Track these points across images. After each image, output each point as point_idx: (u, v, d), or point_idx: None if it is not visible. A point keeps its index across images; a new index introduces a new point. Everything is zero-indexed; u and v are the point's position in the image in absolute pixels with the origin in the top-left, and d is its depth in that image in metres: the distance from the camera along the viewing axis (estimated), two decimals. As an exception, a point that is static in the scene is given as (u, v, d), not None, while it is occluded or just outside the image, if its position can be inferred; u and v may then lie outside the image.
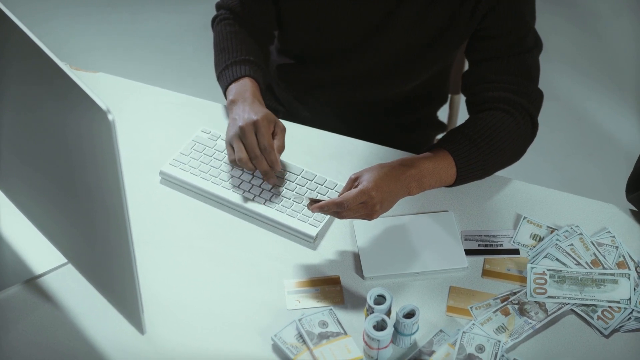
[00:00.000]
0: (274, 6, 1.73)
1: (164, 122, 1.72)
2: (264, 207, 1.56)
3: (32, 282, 1.45)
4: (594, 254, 1.50)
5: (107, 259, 1.23)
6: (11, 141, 1.32)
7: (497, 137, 1.57)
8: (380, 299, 1.38)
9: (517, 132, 1.60)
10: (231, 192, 1.58)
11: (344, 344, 1.37)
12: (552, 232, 1.54)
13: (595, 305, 1.44)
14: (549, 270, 1.47)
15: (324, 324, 1.39)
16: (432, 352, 1.38)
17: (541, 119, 1.66)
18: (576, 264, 1.48)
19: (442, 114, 2.07)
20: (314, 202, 1.46)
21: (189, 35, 3.26)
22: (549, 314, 1.43)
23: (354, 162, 1.66)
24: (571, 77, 3.15)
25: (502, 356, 1.37)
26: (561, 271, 1.47)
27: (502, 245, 1.53)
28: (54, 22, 3.27)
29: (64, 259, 1.46)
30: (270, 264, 1.50)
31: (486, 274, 1.49)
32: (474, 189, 1.62)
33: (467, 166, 1.56)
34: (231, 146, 1.56)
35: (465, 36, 1.66)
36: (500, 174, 1.64)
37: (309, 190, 1.59)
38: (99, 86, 1.78)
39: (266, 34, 1.78)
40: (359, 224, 1.54)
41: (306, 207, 1.52)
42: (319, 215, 1.54)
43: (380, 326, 1.35)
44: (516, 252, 1.52)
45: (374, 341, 1.34)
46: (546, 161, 2.89)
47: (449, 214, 1.57)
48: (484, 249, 1.53)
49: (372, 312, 1.37)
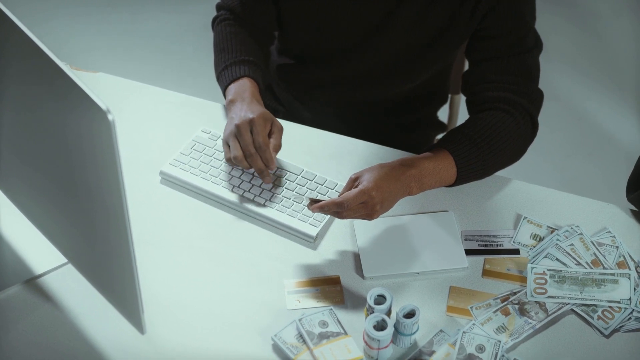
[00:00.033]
0: (274, 6, 1.73)
1: (164, 122, 1.72)
2: (264, 207, 1.56)
3: (32, 282, 1.45)
4: (594, 254, 1.50)
5: (107, 259, 1.23)
6: (11, 141, 1.32)
7: (497, 137, 1.57)
8: (380, 299, 1.38)
9: (517, 132, 1.59)
10: (231, 192, 1.58)
11: (344, 344, 1.37)
12: (552, 232, 1.54)
13: (595, 305, 1.44)
14: (549, 270, 1.47)
15: (324, 324, 1.39)
16: (432, 352, 1.38)
17: (541, 119, 1.66)
18: (576, 264, 1.48)
19: (442, 114, 2.07)
20: (314, 202, 1.46)
21: (189, 35, 3.26)
22: (549, 314, 1.43)
23: (354, 162, 1.66)
24: (571, 77, 3.15)
25: (503, 356, 1.37)
26: (561, 271, 1.47)
27: (502, 245, 1.53)
28: (54, 22, 3.27)
29: (64, 259, 1.46)
30: (270, 264, 1.50)
31: (486, 274, 1.49)
32: (474, 189, 1.62)
33: (467, 166, 1.56)
34: (227, 144, 1.56)
35: (465, 36, 1.65)
36: (500, 174, 1.64)
37: (309, 190, 1.58)
38: (99, 86, 1.78)
39: (266, 34, 1.78)
40: (359, 224, 1.54)
41: (306, 207, 1.52)
42: (319, 215, 1.54)
43: (380, 326, 1.35)
44: (516, 252, 1.52)
45: (374, 341, 1.34)
46: (546, 161, 2.88)
47: (449, 214, 1.57)
48: (484, 249, 1.53)
49: (372, 312, 1.36)
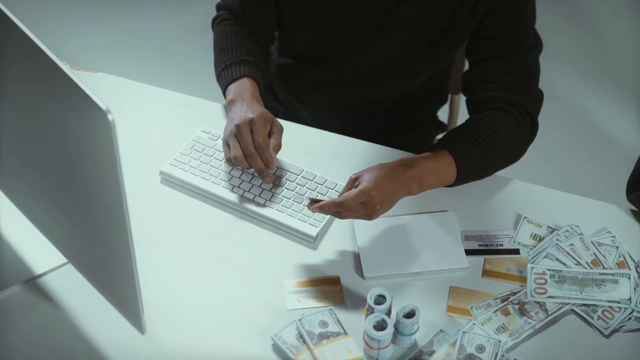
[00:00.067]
0: (274, 6, 1.73)
1: (164, 122, 1.72)
2: (264, 207, 1.56)
3: (32, 282, 1.45)
4: (594, 254, 1.49)
5: (107, 259, 1.23)
6: (11, 141, 1.32)
7: (498, 137, 1.57)
8: (380, 299, 1.38)
9: (517, 132, 1.59)
10: (231, 192, 1.58)
11: (344, 343, 1.37)
12: (552, 232, 1.54)
13: (595, 305, 1.44)
14: (549, 270, 1.47)
15: (324, 324, 1.39)
16: (432, 352, 1.38)
17: (541, 119, 1.66)
18: (576, 264, 1.48)
19: (442, 114, 2.07)
20: (314, 202, 1.46)
21: (189, 35, 3.26)
22: (549, 313, 1.43)
23: (354, 162, 1.66)
24: (571, 77, 3.15)
25: (503, 356, 1.37)
26: (561, 271, 1.47)
27: (502, 245, 1.53)
28: (54, 22, 3.27)
29: (64, 259, 1.46)
30: (270, 264, 1.50)
31: (486, 273, 1.49)
32: (474, 189, 1.62)
33: (467, 166, 1.56)
34: (227, 144, 1.56)
35: (465, 36, 1.65)
36: (500, 174, 1.63)
37: (309, 190, 1.58)
38: (99, 86, 1.78)
39: (266, 34, 1.78)
40: (359, 223, 1.54)
41: (306, 207, 1.52)
42: (319, 215, 1.54)
43: (380, 326, 1.35)
44: (516, 252, 1.52)
45: (374, 341, 1.34)
46: (546, 161, 2.88)
47: (449, 214, 1.57)
48: (484, 248, 1.53)
49: (373, 312, 1.36)
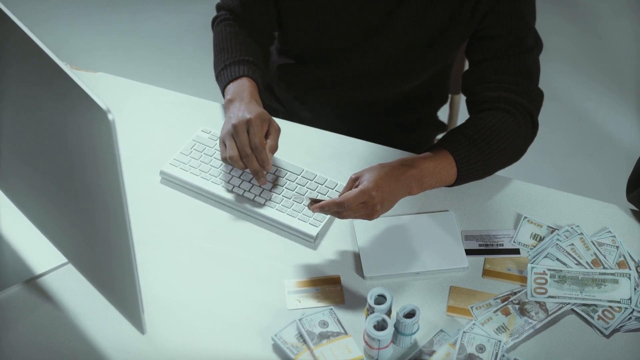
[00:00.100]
0: (274, 7, 1.73)
1: (164, 122, 1.72)
2: (264, 207, 1.56)
3: (32, 282, 1.45)
4: (595, 254, 1.49)
5: (107, 258, 1.23)
6: (11, 141, 1.31)
7: (498, 137, 1.57)
8: (380, 299, 1.38)
9: (518, 132, 1.59)
10: (231, 192, 1.58)
11: (344, 343, 1.37)
12: (552, 232, 1.54)
13: (595, 305, 1.44)
14: (549, 270, 1.47)
15: (324, 324, 1.39)
16: (432, 352, 1.38)
17: (541, 119, 1.66)
18: (577, 264, 1.48)
19: (442, 114, 2.07)
20: (314, 202, 1.46)
21: (189, 35, 3.26)
22: (550, 313, 1.43)
23: (354, 162, 1.66)
24: (571, 77, 3.15)
25: (503, 356, 1.36)
26: (562, 271, 1.47)
27: (502, 245, 1.53)
28: (54, 22, 3.27)
29: (64, 259, 1.45)
30: (270, 264, 1.50)
31: (486, 273, 1.49)
32: (474, 188, 1.62)
33: (468, 166, 1.56)
34: (224, 144, 1.56)
35: (465, 36, 1.65)
36: (500, 173, 1.63)
37: (309, 190, 1.58)
38: (99, 86, 1.78)
39: (266, 34, 1.78)
40: (359, 223, 1.54)
41: (306, 207, 1.52)
42: (319, 215, 1.54)
43: (380, 326, 1.35)
44: (517, 252, 1.52)
45: (374, 341, 1.34)
46: (546, 161, 2.88)
47: (449, 214, 1.57)
48: (484, 248, 1.53)
49: (373, 311, 1.36)
